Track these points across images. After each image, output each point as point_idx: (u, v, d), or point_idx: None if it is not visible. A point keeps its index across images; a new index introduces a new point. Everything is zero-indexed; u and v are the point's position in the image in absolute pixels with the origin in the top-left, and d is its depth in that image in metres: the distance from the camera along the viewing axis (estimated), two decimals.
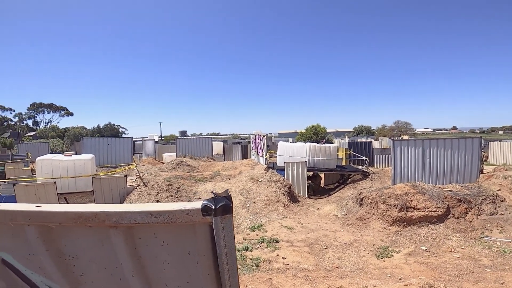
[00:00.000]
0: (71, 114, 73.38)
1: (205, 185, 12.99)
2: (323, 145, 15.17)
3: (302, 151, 14.59)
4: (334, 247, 7.24)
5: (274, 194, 11.09)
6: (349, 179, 14.79)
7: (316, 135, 37.91)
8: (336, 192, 13.59)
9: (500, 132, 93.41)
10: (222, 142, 29.32)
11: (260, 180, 12.15)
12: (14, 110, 68.53)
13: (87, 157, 11.81)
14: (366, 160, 16.37)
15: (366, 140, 30.64)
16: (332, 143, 24.89)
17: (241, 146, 25.14)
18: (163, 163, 21.10)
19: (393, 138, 21.66)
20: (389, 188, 9.32)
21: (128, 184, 11.05)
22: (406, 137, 41.71)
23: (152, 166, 18.75)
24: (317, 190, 14.25)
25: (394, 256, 6.69)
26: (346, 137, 52.85)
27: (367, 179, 13.85)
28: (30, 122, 71.64)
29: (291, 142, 21.14)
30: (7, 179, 12.41)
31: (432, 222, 7.98)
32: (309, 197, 12.96)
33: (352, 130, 76.93)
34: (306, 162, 13.61)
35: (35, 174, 11.75)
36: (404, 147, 11.61)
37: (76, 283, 1.40)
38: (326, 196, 13.23)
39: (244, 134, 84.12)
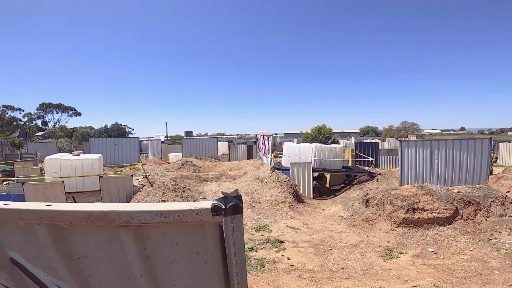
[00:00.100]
0: (79, 114, 74.40)
1: (210, 185, 13.03)
2: (329, 145, 15.09)
3: (308, 152, 14.53)
4: (339, 248, 7.19)
5: (280, 195, 11.07)
6: (355, 180, 14.68)
7: (321, 136, 37.69)
8: (342, 193, 13.50)
9: (509, 133, 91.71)
10: (227, 142, 29.42)
11: (265, 180, 12.14)
12: (23, 110, 69.66)
13: (95, 156, 11.95)
14: (372, 161, 16.24)
15: (372, 140, 30.40)
16: (338, 144, 24.73)
17: (246, 147, 25.15)
18: (169, 163, 21.22)
19: (400, 139, 21.47)
20: (396, 189, 9.23)
21: (134, 183, 11.13)
22: (413, 137, 41.27)
23: (158, 166, 18.89)
24: (322, 191, 14.17)
25: (400, 257, 6.62)
26: (352, 137, 52.58)
27: (374, 180, 13.74)
28: (39, 122, 72.75)
29: (297, 143, 21.07)
30: (16, 178, 12.61)
31: (440, 224, 7.87)
32: (314, 197, 12.90)
33: (358, 130, 76.40)
34: (311, 162, 13.54)
35: (44, 173, 11.90)
36: (411, 148, 11.50)
37: (84, 283, 1.39)
38: (332, 197, 13.15)
39: (249, 135, 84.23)
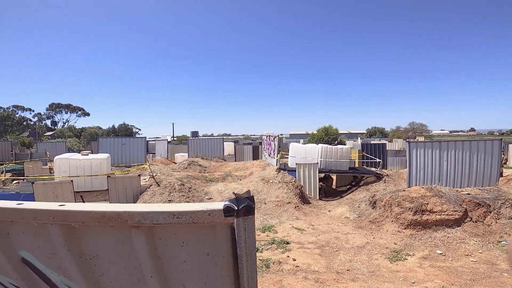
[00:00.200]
0: (88, 114, 75.44)
1: (216, 185, 13.06)
2: (335, 146, 15.00)
3: (314, 153, 14.46)
4: (345, 250, 7.13)
5: (285, 196, 11.04)
6: (362, 181, 14.56)
7: (328, 137, 37.44)
8: (348, 194, 13.40)
9: None
10: (233, 143, 29.42)
11: (271, 181, 12.12)
12: (33, 111, 70.83)
13: (103, 156, 12.10)
14: (379, 162, 16.10)
15: (379, 142, 30.14)
16: (344, 145, 24.59)
17: (252, 147, 25.13)
18: (175, 163, 21.35)
19: (408, 140, 21.23)
20: (404, 190, 9.13)
21: (141, 183, 11.23)
22: (421, 139, 40.78)
23: (164, 166, 19.02)
24: (328, 192, 14.09)
25: (407, 259, 6.53)
26: (359, 138, 52.20)
27: (381, 182, 13.61)
28: (48, 122, 74.02)
29: (303, 144, 21.01)
30: (26, 177, 12.82)
31: (448, 226, 7.76)
32: (320, 199, 12.83)
33: (365, 131, 75.78)
34: (318, 163, 13.48)
35: (53, 173, 12.08)
36: (420, 149, 11.35)
37: (95, 284, 1.39)
38: (338, 198, 13.06)
39: (255, 135, 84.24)
